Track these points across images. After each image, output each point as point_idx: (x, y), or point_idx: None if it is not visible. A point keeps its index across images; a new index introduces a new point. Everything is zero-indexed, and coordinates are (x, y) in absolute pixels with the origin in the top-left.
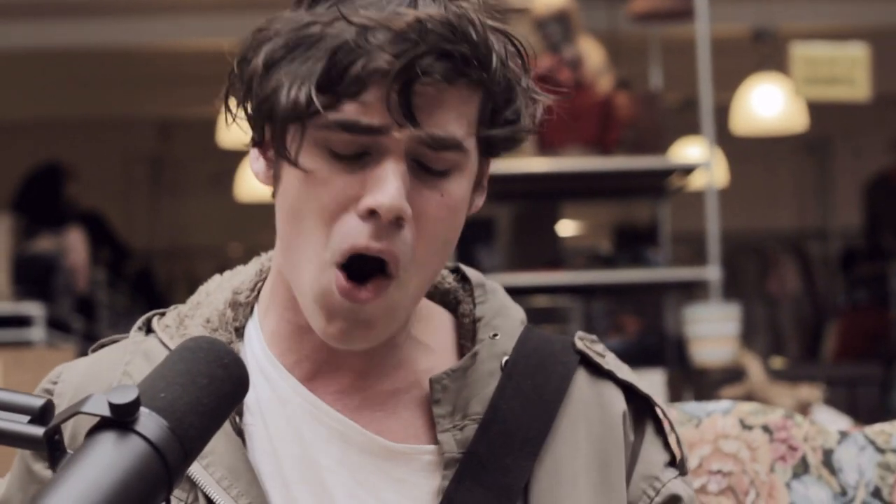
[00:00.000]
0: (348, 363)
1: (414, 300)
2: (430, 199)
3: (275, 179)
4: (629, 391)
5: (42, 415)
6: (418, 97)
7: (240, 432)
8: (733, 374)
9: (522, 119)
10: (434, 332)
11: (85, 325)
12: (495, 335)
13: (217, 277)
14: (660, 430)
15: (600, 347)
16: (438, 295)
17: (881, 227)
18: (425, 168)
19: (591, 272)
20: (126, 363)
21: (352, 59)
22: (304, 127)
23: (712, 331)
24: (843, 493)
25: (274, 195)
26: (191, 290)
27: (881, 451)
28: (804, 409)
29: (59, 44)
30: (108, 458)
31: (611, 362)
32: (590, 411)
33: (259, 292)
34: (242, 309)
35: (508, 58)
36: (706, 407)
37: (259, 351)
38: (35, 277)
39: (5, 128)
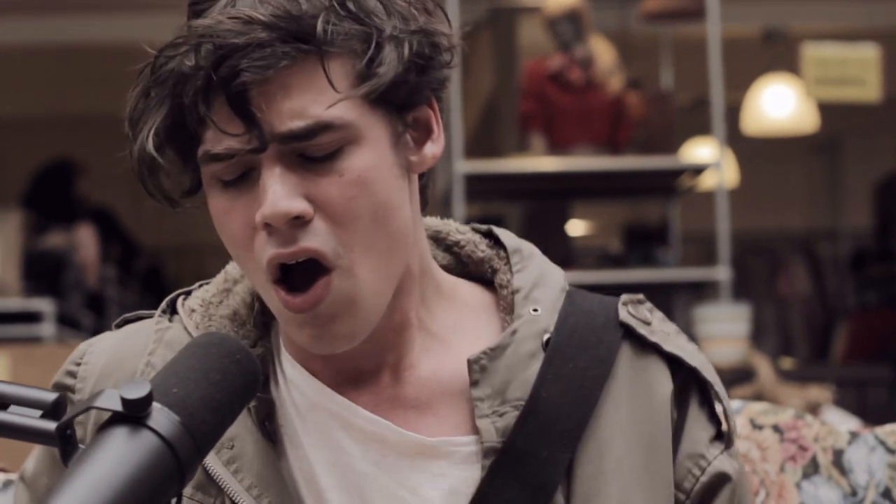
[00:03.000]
0: (371, 362)
1: (380, 284)
2: (329, 185)
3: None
4: (675, 362)
5: (54, 409)
6: (254, 100)
7: (270, 437)
8: (743, 375)
9: (388, 65)
10: (464, 313)
11: (94, 322)
12: (535, 310)
13: None
14: (704, 402)
15: (646, 312)
16: (473, 265)
17: (891, 228)
18: (310, 158)
19: (600, 272)
20: (150, 353)
21: (181, 89)
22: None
23: (722, 331)
24: (854, 493)
25: None
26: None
27: (891, 451)
28: (814, 409)
29: (70, 40)
30: (120, 454)
31: (657, 330)
32: (634, 392)
33: None
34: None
35: (353, 5)
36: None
37: (283, 355)
38: (45, 273)
39: (17, 124)
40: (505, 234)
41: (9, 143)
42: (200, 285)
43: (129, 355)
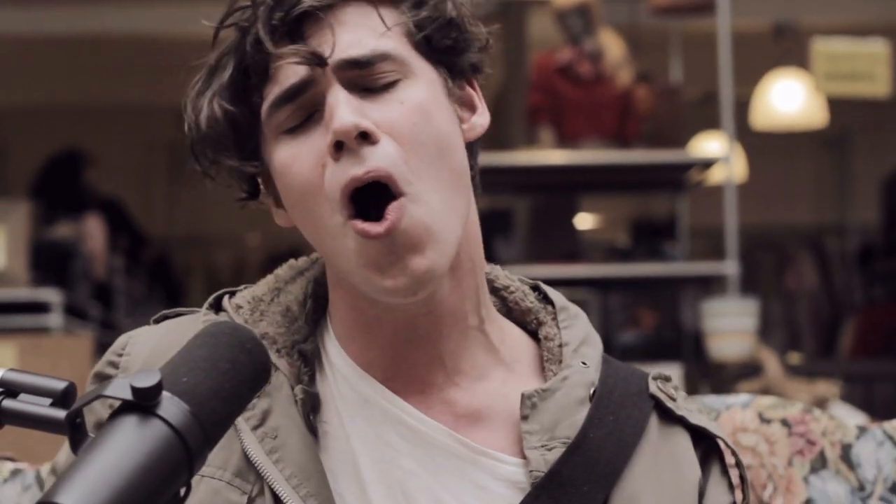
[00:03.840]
0: (424, 362)
1: (450, 216)
2: (391, 110)
3: (278, 201)
4: (699, 435)
5: (64, 398)
6: (313, 30)
7: (314, 431)
8: (750, 369)
9: (451, 21)
10: (511, 345)
11: (102, 312)
12: (584, 364)
13: (292, 263)
14: (724, 472)
15: (672, 389)
16: (518, 314)
17: None
18: (370, 89)
19: (608, 265)
20: None
21: (251, 41)
22: (258, 132)
23: (729, 325)
24: (861, 487)
25: (288, 211)
26: (208, 277)
27: None
28: (821, 404)
29: (80, 30)
30: (129, 442)
31: (682, 405)
32: (661, 457)
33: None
34: (322, 301)
35: None
36: (725, 400)
37: (333, 349)
38: (53, 264)
39: (25, 114)
40: (552, 292)
41: (17, 133)
42: (246, 287)
43: (174, 345)
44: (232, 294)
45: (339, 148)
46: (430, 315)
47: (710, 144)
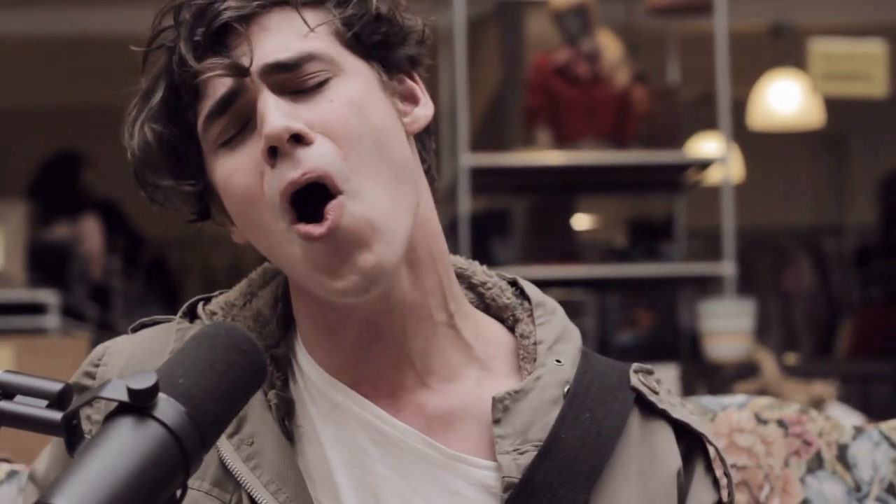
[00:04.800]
0: (392, 363)
1: (394, 210)
2: (323, 108)
3: (224, 213)
4: (681, 429)
5: (60, 399)
6: (237, 41)
7: (289, 436)
8: (747, 370)
9: (379, 16)
10: (487, 342)
11: (99, 314)
12: (559, 361)
13: (267, 267)
14: (709, 468)
15: (654, 381)
16: (495, 309)
17: None
18: (300, 91)
19: (605, 266)
20: (171, 351)
21: (177, 60)
22: (198, 151)
23: (726, 326)
24: (858, 488)
25: (236, 224)
26: (204, 278)
27: None
28: (818, 405)
29: (77, 31)
30: (125, 444)
31: (664, 398)
32: (643, 452)
33: None
34: (291, 305)
35: None
36: (722, 401)
37: (301, 354)
38: (50, 265)
39: (22, 115)
40: (529, 287)
41: (14, 134)
42: (221, 293)
43: (151, 354)
44: (207, 300)
45: (273, 154)
46: (392, 313)
47: (707, 145)
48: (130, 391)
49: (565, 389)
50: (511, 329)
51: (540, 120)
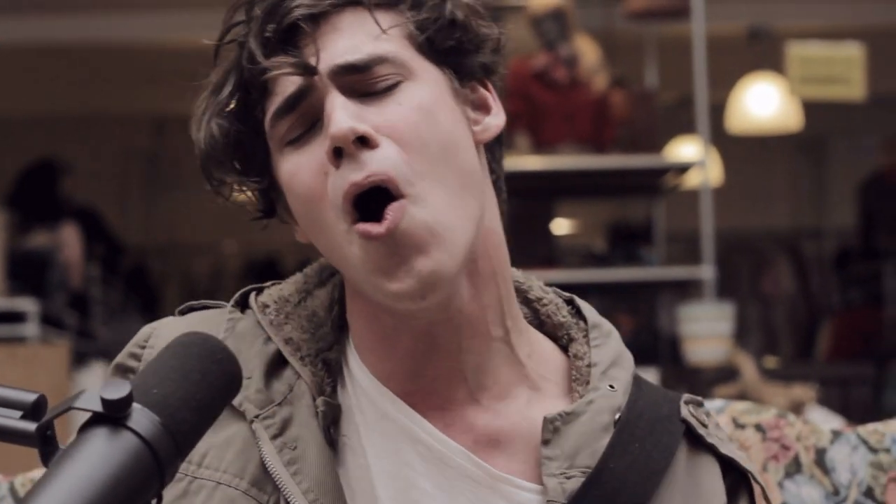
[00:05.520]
0: (444, 375)
1: (456, 218)
2: (391, 112)
3: (288, 212)
4: (727, 465)
5: (34, 410)
6: (307, 39)
7: (332, 444)
8: (727, 374)
9: (454, 21)
10: (542, 365)
11: (79, 322)
12: (612, 387)
13: (323, 263)
14: None
15: (704, 415)
16: (550, 327)
17: (875, 226)
18: (370, 93)
19: (585, 270)
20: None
21: (246, 56)
22: (264, 147)
23: (706, 330)
24: (836, 492)
25: (299, 224)
26: (185, 286)
27: (874, 450)
28: (797, 408)
29: (55, 39)
30: (99, 454)
31: (713, 433)
32: (687, 488)
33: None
34: (340, 307)
35: None
36: None
37: (353, 360)
38: (29, 273)
39: (1, 123)
40: (586, 307)
41: None
42: (273, 283)
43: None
44: (259, 291)
45: (338, 155)
46: (449, 324)
47: (685, 149)
48: (104, 401)
49: (616, 417)
50: (564, 348)
51: (518, 125)
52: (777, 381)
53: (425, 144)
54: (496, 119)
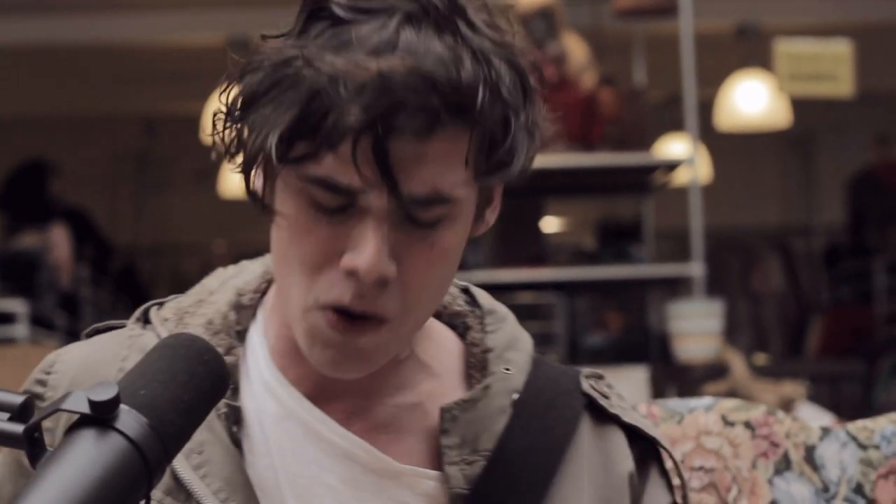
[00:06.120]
0: (352, 382)
1: (412, 332)
2: (419, 252)
3: (269, 209)
4: (634, 434)
5: (22, 412)
6: (394, 154)
7: (238, 443)
8: (716, 371)
9: (519, 156)
10: (440, 354)
11: (68, 322)
12: (507, 369)
13: (220, 272)
14: (664, 472)
15: (605, 387)
16: (447, 316)
17: (865, 223)
18: (413, 221)
19: (575, 269)
20: (122, 359)
21: (324, 110)
22: (284, 172)
23: (695, 327)
24: (826, 489)
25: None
26: (175, 286)
27: (863, 447)
28: (787, 405)
29: (43, 40)
30: (87, 456)
31: (615, 403)
32: (595, 458)
33: (263, 294)
34: (245, 312)
35: (504, 89)
36: (688, 403)
37: (262, 361)
38: (19, 274)
39: None
40: (481, 294)
41: None
42: (174, 297)
43: (102, 362)
44: (161, 305)
45: (353, 273)
46: None
47: (674, 146)
48: (92, 403)
49: (514, 398)
50: (462, 336)
51: None
52: (767, 378)
53: (429, 286)
54: (493, 215)
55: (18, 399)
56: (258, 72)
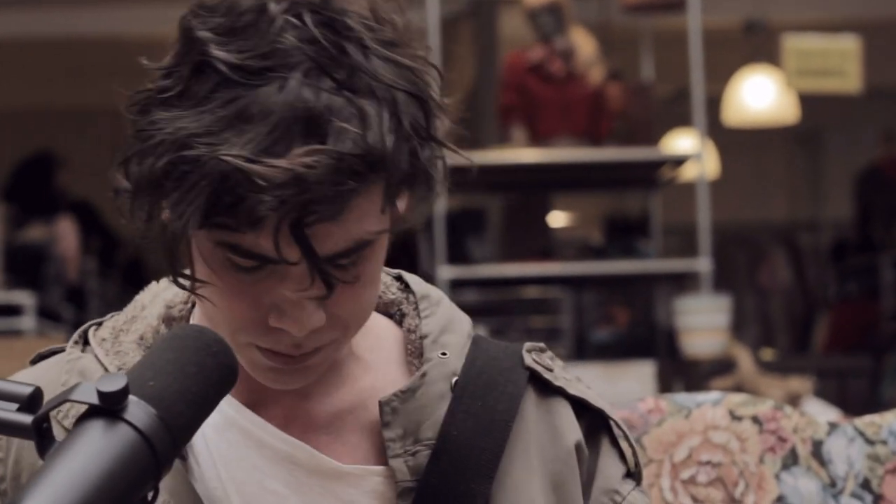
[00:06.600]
0: (291, 391)
1: (348, 341)
2: (344, 290)
3: (195, 280)
4: (581, 405)
5: (30, 403)
6: (314, 233)
7: (183, 457)
8: (723, 366)
9: (432, 174)
10: (377, 346)
11: (75, 315)
12: (444, 354)
13: (153, 287)
14: (614, 442)
15: (549, 359)
16: (382, 306)
17: (872, 218)
18: (336, 265)
19: (581, 263)
20: (63, 384)
21: (237, 194)
22: (197, 238)
23: (703, 322)
24: (833, 484)
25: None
26: None
27: (871, 442)
28: (794, 400)
29: (52, 32)
30: (96, 447)
31: (559, 376)
32: (541, 432)
33: (195, 304)
34: (176, 323)
35: (406, 121)
36: (696, 398)
37: None
38: (26, 266)
39: None
40: (413, 280)
41: None
42: (112, 315)
43: (44, 390)
44: (99, 325)
45: (282, 331)
46: None
47: (681, 141)
48: (100, 394)
49: (453, 381)
50: (400, 324)
51: (515, 118)
52: (774, 373)
53: (359, 311)
54: (402, 203)
55: (27, 390)
56: (156, 155)
